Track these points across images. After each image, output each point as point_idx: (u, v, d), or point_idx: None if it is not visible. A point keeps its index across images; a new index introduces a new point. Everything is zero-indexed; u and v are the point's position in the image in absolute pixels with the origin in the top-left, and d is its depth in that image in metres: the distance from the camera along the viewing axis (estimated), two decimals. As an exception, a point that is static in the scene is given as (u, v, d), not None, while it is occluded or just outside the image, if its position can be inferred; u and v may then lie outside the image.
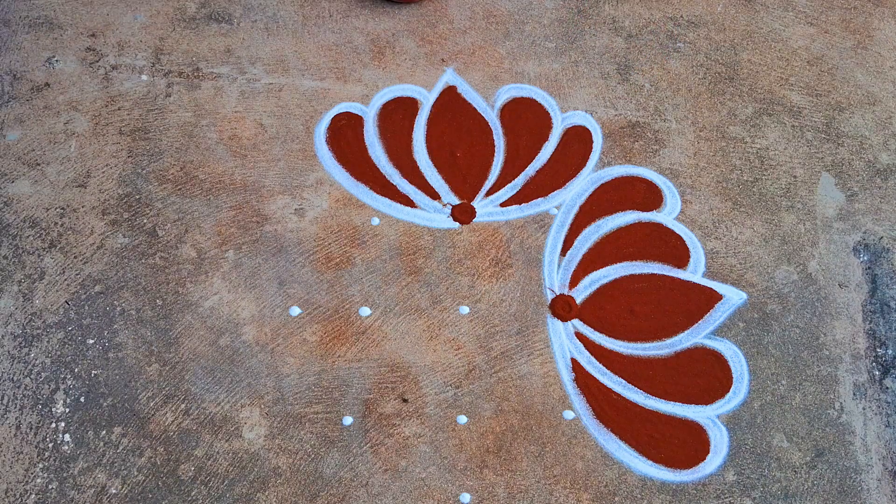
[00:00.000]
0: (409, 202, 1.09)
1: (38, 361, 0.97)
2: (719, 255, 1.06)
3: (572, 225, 1.08)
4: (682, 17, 1.26)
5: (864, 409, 0.97)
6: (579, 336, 1.01)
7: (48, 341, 0.98)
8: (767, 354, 1.00)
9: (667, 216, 1.09)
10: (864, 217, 1.10)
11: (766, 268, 1.06)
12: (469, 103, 1.17)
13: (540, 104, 1.17)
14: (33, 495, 0.89)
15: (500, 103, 1.17)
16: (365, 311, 1.01)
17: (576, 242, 1.07)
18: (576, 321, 1.02)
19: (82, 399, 0.95)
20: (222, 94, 1.15)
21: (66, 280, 1.01)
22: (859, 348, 1.01)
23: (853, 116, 1.18)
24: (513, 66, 1.20)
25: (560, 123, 1.16)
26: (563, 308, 1.02)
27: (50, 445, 0.92)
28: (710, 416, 0.96)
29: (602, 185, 1.11)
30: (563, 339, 1.00)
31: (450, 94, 1.18)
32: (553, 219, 1.09)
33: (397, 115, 1.16)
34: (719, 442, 0.95)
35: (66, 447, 0.92)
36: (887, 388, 0.98)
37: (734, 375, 0.98)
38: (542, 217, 1.09)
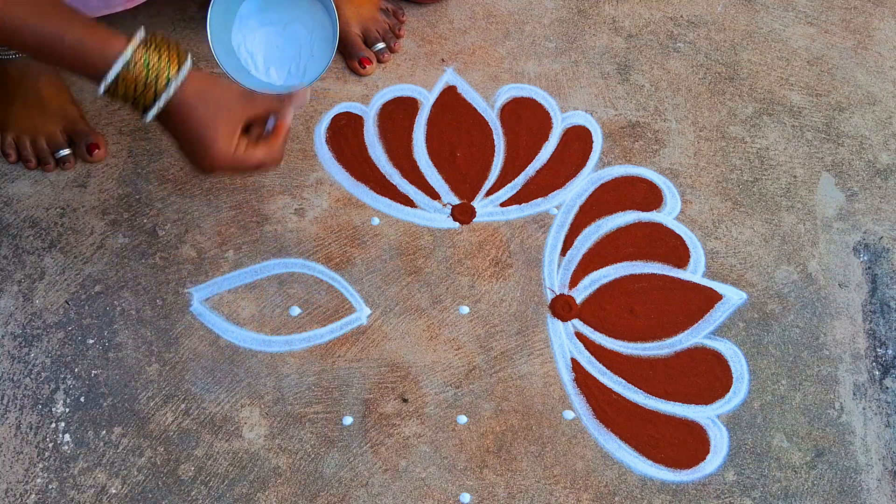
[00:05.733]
0: (409, 202, 1.09)
1: (38, 361, 0.97)
2: (719, 255, 1.06)
3: (572, 225, 1.08)
4: (682, 17, 1.26)
5: (864, 409, 0.97)
6: (579, 336, 1.01)
7: (48, 341, 0.98)
8: (767, 354, 1.00)
9: (667, 216, 1.09)
10: (864, 217, 1.10)
11: (766, 268, 1.06)
12: (469, 103, 1.17)
13: (540, 104, 1.17)
14: (33, 495, 0.89)
15: (500, 103, 1.17)
16: (365, 310, 1.01)
17: (576, 242, 1.07)
18: (576, 321, 1.02)
19: (82, 399, 0.95)
20: (222, 94, 1.15)
21: (66, 280, 1.01)
22: (859, 348, 1.01)
23: (853, 116, 1.18)
24: (513, 66, 1.20)
25: (560, 123, 1.16)
26: (563, 308, 1.02)
27: (50, 445, 0.92)
28: (710, 416, 0.96)
29: (602, 185, 1.11)
30: (563, 339, 1.00)
31: (450, 94, 1.18)
32: (553, 219, 1.09)
33: (397, 115, 1.16)
34: (719, 442, 0.95)
35: (66, 447, 0.92)
36: (887, 388, 0.98)
37: (734, 375, 0.98)
38: (542, 217, 1.09)
